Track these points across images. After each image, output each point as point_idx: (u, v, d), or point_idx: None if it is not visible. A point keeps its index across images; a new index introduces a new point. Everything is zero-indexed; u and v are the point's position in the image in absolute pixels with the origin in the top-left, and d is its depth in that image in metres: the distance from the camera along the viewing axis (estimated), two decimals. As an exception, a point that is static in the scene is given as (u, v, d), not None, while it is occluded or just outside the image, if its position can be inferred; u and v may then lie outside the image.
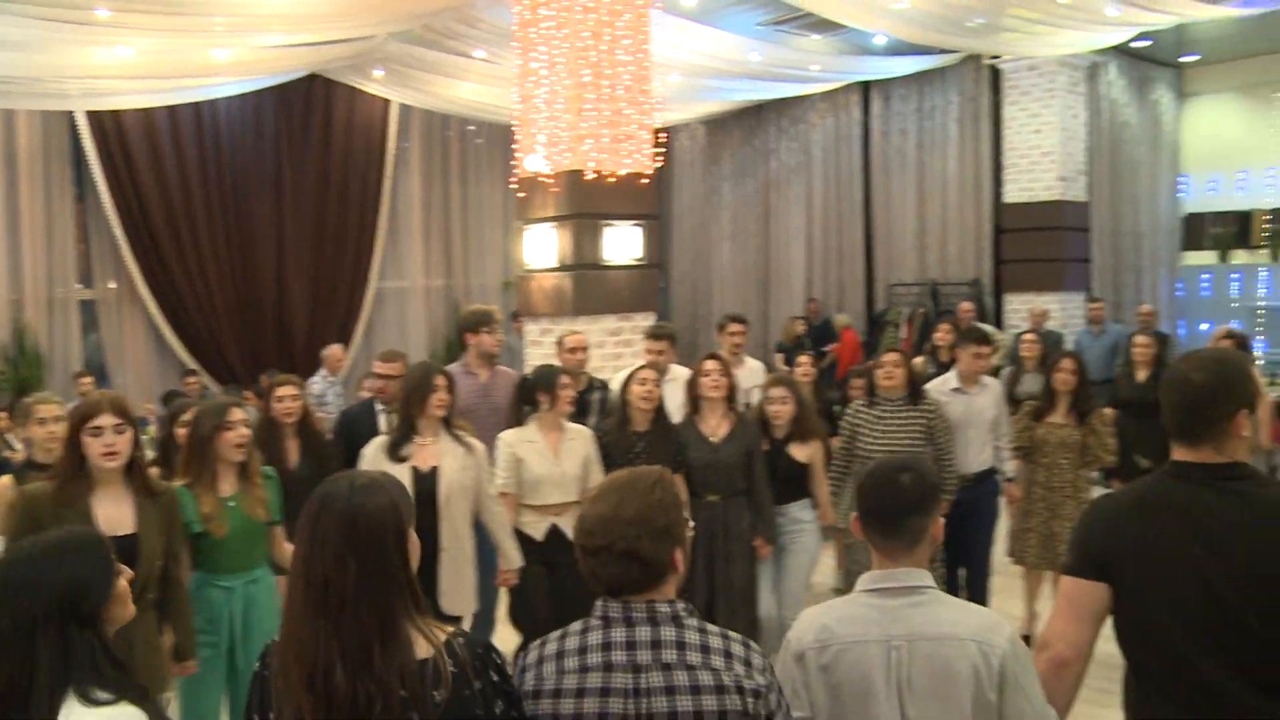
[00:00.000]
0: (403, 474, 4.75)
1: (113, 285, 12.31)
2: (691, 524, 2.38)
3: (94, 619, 2.15)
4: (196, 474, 4.27)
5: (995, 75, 13.18)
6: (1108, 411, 7.25)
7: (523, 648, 2.39)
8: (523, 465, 5.34)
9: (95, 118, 11.61)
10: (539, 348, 8.40)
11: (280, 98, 12.86)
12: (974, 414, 6.31)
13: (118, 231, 11.88)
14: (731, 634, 2.27)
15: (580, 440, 5.49)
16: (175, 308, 12.32)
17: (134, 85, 10.32)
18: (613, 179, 8.01)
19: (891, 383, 5.97)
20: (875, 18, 10.02)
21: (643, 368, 5.72)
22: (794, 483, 5.75)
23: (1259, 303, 13.73)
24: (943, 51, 12.52)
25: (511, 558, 5.14)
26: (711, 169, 16.89)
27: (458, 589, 4.96)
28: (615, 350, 8.24)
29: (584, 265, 8.18)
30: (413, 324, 14.53)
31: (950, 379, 6.49)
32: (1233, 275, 14.17)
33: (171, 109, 11.96)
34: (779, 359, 11.88)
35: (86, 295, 12.22)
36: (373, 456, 4.96)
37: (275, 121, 13.06)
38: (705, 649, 2.20)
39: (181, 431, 4.75)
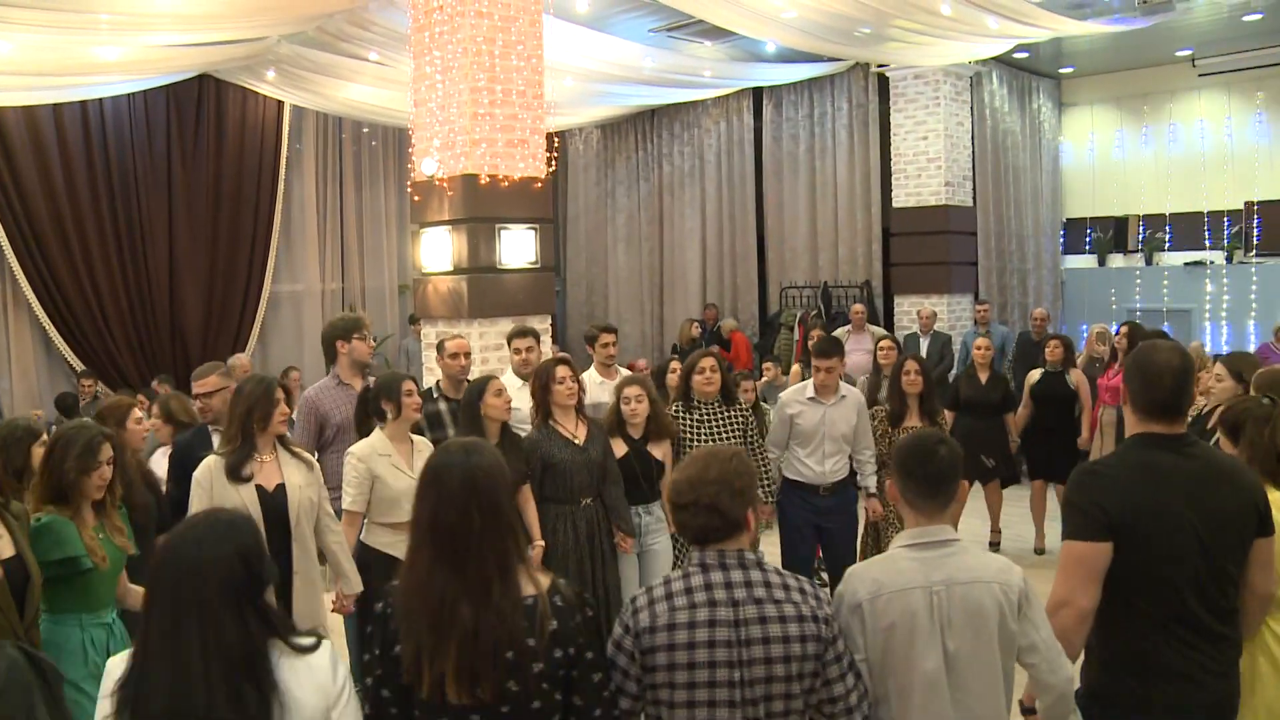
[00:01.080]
0: (247, 494, 4.54)
1: (-4, 289, 12.01)
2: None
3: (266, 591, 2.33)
4: (57, 505, 3.90)
5: (883, 83, 13.49)
6: (947, 412, 7.59)
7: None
8: (378, 482, 5.06)
9: (-26, 116, 11.33)
10: (434, 351, 8.44)
11: (171, 98, 12.66)
12: (828, 424, 6.33)
13: (0, 233, 11.58)
14: (791, 575, 2.79)
15: (427, 452, 5.07)
16: (63, 312, 12.05)
17: (14, 82, 10.04)
18: (507, 183, 8.09)
19: (710, 388, 6.12)
20: (765, 26, 10.21)
21: (493, 378, 5.58)
22: (651, 482, 5.81)
23: (1135, 304, 14.26)
24: (832, 59, 12.79)
25: (353, 582, 4.93)
26: (606, 173, 17.00)
27: (315, 612, 4.68)
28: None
29: (480, 269, 8.23)
30: (309, 327, 14.37)
31: (807, 387, 6.50)
32: (1110, 278, 14.68)
33: (56, 108, 11.69)
34: (674, 363, 12.00)
35: (-32, 299, 11.91)
36: (208, 478, 4.58)
37: (166, 122, 12.83)
38: (785, 587, 2.72)
39: (39, 452, 4.13)
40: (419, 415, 5.39)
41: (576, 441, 5.53)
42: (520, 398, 6.06)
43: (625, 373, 7.06)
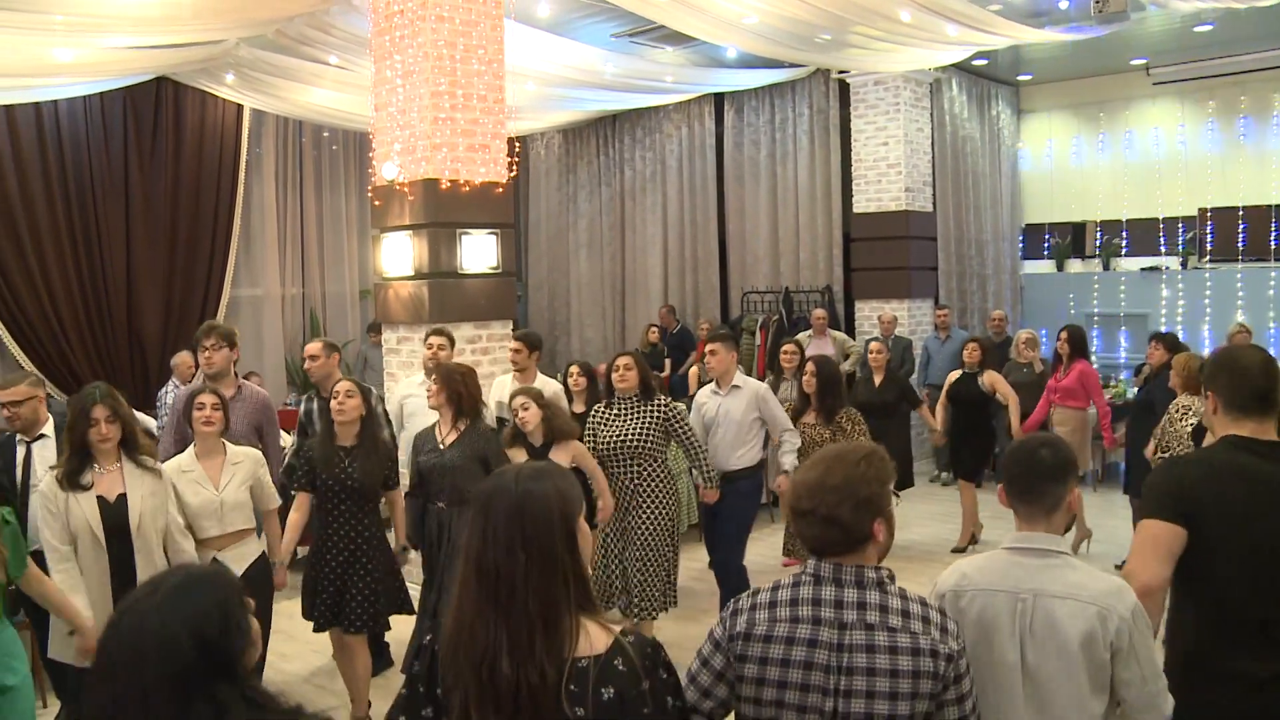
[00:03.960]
0: (88, 504, 4.53)
1: (-52, 293, 11.84)
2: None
3: (237, 668, 1.92)
4: None
5: (844, 89, 13.56)
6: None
7: None
8: (181, 499, 4.98)
9: (-73, 118, 11.17)
10: (396, 355, 8.41)
11: (128, 100, 12.51)
12: (722, 414, 6.74)
13: (-47, 237, 11.43)
14: (929, 601, 2.54)
15: (246, 463, 5.25)
16: (18, 316, 11.87)
17: (-35, 83, 9.95)
18: (468, 188, 8.07)
19: (625, 384, 6.43)
20: (727, 32, 10.24)
21: (342, 380, 5.71)
22: None
23: (1093, 309, 14.42)
24: (793, 65, 12.85)
25: None
26: (568, 178, 17.00)
27: None
28: (474, 358, 8.28)
29: (441, 274, 8.20)
30: (269, 332, 14.28)
31: (715, 382, 6.94)
32: (1069, 283, 14.83)
33: (8, 109, 11.52)
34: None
35: (-80, 303, 11.72)
36: (48, 485, 4.59)
37: (123, 125, 12.67)
38: (905, 614, 2.44)
39: None
40: (213, 428, 5.17)
41: (441, 445, 5.70)
42: (420, 394, 6.67)
43: (543, 379, 7.36)
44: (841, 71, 13.23)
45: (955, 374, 9.22)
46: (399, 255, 8.33)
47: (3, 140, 11.70)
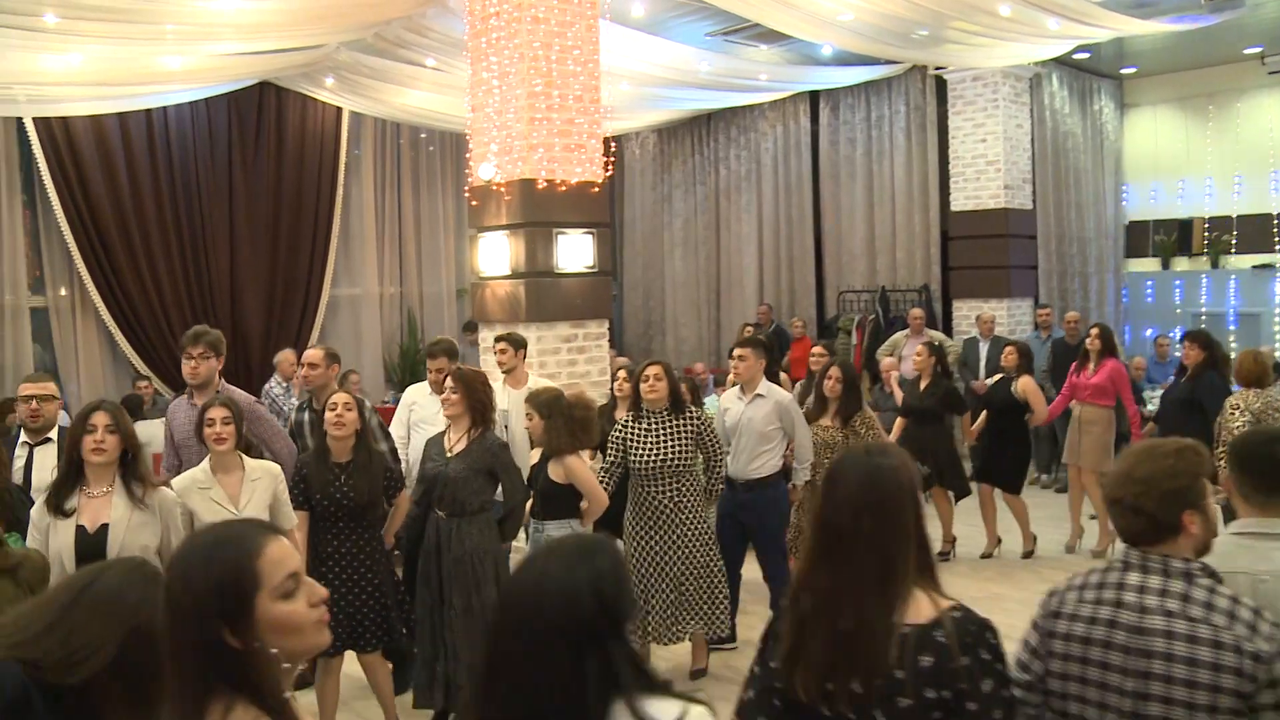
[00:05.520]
0: (65, 532, 4.08)
1: (64, 292, 12.22)
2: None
3: (624, 630, 1.94)
4: None
5: (941, 86, 13.38)
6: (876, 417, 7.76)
7: None
8: (195, 518, 4.63)
9: (44, 124, 11.52)
10: (493, 354, 8.47)
11: (232, 105, 12.84)
12: (744, 422, 6.60)
13: (69, 238, 11.79)
14: (1242, 599, 2.51)
15: (265, 479, 4.94)
16: (128, 314, 12.24)
17: (83, 92, 10.28)
18: (564, 187, 8.11)
19: (655, 395, 6.10)
20: (822, 29, 10.16)
21: (339, 392, 5.52)
22: (550, 499, 5.69)
23: (1201, 309, 14.02)
24: (889, 62, 12.71)
25: None
26: (662, 177, 17.01)
27: None
28: (569, 357, 8.34)
29: (537, 273, 8.25)
30: (367, 331, 14.51)
31: (740, 387, 6.82)
32: (1175, 281, 14.45)
33: (122, 116, 11.89)
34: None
35: (37, 303, 12.12)
36: (39, 507, 4.19)
37: (227, 129, 13.01)
38: (1209, 606, 2.46)
39: None
40: (227, 446, 4.86)
41: (448, 454, 5.49)
42: (431, 404, 6.43)
43: (537, 380, 7.10)
44: (939, 68, 13.06)
45: (994, 378, 9.04)
46: (496, 255, 8.40)
47: (116, 146, 12.08)
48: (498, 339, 7.22)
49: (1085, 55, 12.96)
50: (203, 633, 1.73)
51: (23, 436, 5.30)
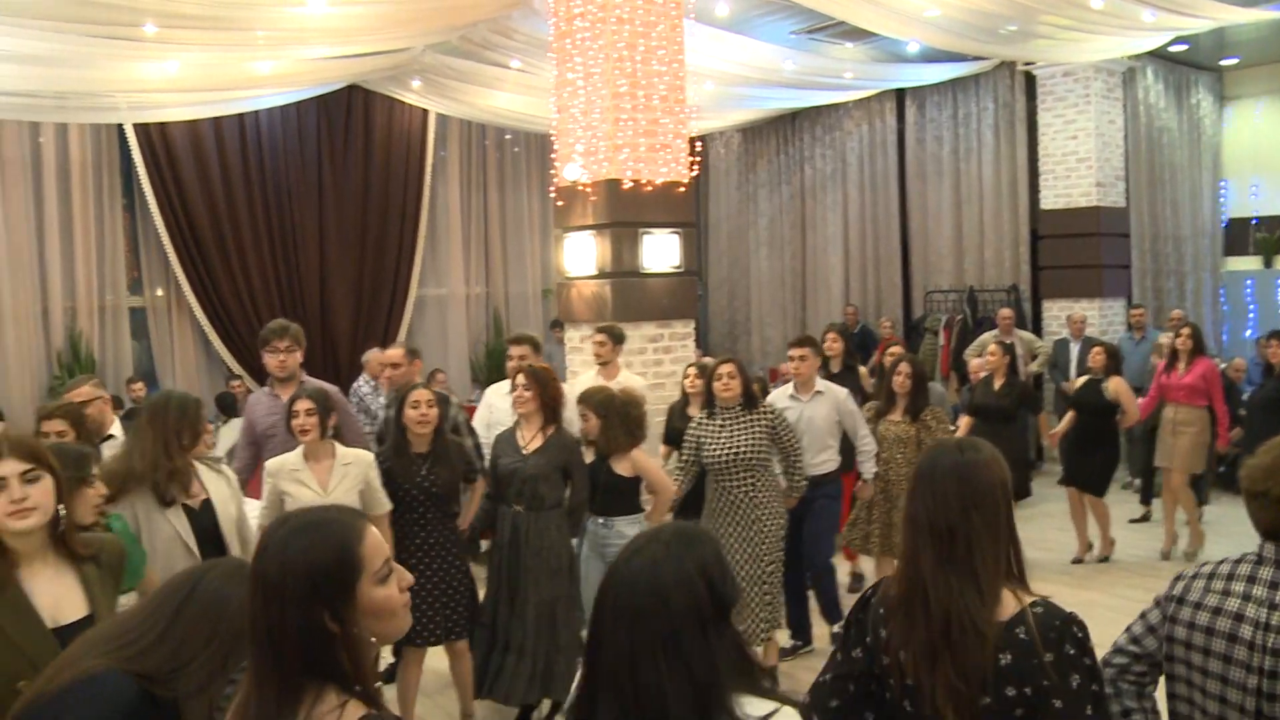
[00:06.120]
0: (176, 515, 4.22)
1: (161, 293, 12.56)
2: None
3: (730, 614, 1.94)
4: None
5: (1030, 81, 13.16)
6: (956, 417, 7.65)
7: None
8: (286, 498, 4.85)
9: (143, 130, 11.86)
10: (579, 353, 8.51)
11: (321, 108, 13.08)
12: (805, 421, 6.60)
13: (165, 240, 12.12)
14: None
15: (356, 465, 5.07)
16: (221, 314, 12.54)
17: (180, 98, 10.55)
18: (650, 187, 8.12)
19: (729, 393, 6.10)
20: (908, 26, 10.05)
21: (416, 387, 5.56)
22: (615, 495, 5.76)
23: (1303, 308, 13.63)
24: (976, 58, 12.53)
25: None
26: (748, 176, 16.95)
27: None
28: (655, 356, 8.35)
29: (623, 273, 8.28)
30: (453, 331, 14.69)
31: (789, 387, 6.82)
32: (1277, 280, 14.03)
33: (216, 120, 12.18)
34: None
35: (135, 303, 12.47)
36: (130, 510, 4.17)
37: (317, 131, 13.26)
38: None
39: None
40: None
41: (524, 450, 5.55)
42: (504, 401, 6.40)
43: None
44: (1028, 63, 12.83)
45: (1081, 379, 8.85)
46: (582, 255, 8.43)
47: (211, 150, 12.38)
48: (598, 328, 7.38)
49: (1183, 47, 12.62)
50: (303, 616, 1.73)
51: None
